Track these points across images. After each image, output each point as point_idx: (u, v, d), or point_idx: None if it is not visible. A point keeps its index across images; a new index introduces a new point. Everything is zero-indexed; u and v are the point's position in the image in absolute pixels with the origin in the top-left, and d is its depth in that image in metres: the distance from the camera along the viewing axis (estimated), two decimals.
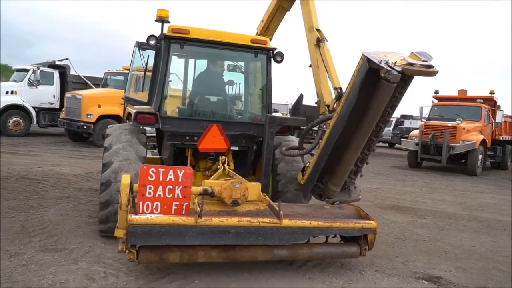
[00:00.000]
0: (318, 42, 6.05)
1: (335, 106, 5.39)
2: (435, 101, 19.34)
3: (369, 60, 4.32)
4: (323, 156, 5.06)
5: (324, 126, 5.36)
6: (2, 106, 16.80)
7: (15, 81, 18.03)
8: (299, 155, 5.72)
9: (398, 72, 4.14)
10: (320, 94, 5.90)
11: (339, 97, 5.38)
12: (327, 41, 6.09)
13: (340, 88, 5.54)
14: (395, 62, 4.26)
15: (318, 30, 6.21)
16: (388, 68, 4.13)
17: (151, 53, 6.37)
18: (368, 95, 4.52)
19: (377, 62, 4.21)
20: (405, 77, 4.43)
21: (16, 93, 17.34)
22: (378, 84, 4.33)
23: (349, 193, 5.61)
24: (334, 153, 5.04)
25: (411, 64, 4.24)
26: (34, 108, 17.71)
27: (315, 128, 5.75)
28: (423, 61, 4.26)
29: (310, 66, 6.28)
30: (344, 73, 5.33)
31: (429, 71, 4.26)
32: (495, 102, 18.56)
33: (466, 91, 19.06)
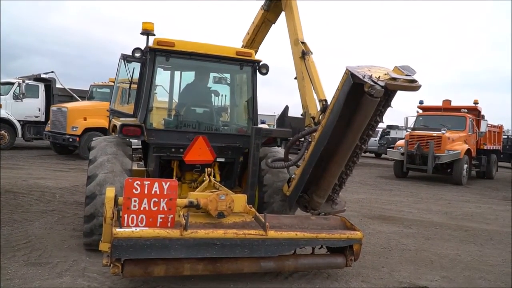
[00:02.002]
0: (303, 54, 6.10)
1: (320, 118, 5.43)
2: (420, 111, 19.56)
3: (353, 75, 4.38)
4: (308, 168, 5.09)
5: (310, 138, 5.39)
6: None
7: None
8: (284, 167, 5.74)
9: (382, 87, 4.20)
10: (306, 106, 5.95)
11: (324, 109, 5.42)
12: (312, 54, 6.15)
13: (325, 100, 5.59)
14: (379, 77, 4.31)
15: (303, 43, 6.27)
16: (372, 83, 4.18)
17: (137, 66, 6.38)
18: (352, 109, 4.57)
19: (361, 77, 4.27)
20: (388, 91, 4.49)
21: (1, 106, 17.17)
22: (362, 98, 4.38)
23: (333, 204, 5.64)
24: (319, 165, 5.08)
25: (394, 79, 4.29)
26: (19, 121, 17.55)
27: (301, 139, 5.78)
28: (406, 75, 4.32)
29: (296, 78, 6.33)
30: (330, 85, 5.39)
31: (411, 85, 4.33)
32: (479, 112, 18.81)
33: (450, 101, 19.34)
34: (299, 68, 6.17)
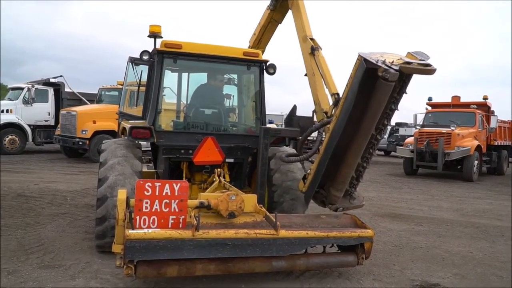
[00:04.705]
0: (313, 50, 6.04)
1: (333, 112, 5.35)
2: (429, 108, 19.44)
3: (366, 60, 4.28)
4: (324, 161, 4.97)
5: (323, 132, 5.33)
6: None
7: (10, 99, 18.06)
8: (299, 160, 5.66)
9: (396, 70, 4.13)
10: (317, 101, 5.86)
11: (336, 102, 5.30)
12: (321, 49, 6.10)
13: (338, 94, 5.47)
14: (392, 62, 4.24)
15: (312, 39, 6.22)
16: (386, 67, 4.11)
17: (144, 68, 6.42)
18: (367, 97, 4.47)
19: (374, 62, 4.19)
20: (403, 77, 4.40)
21: (11, 111, 17.36)
22: (376, 84, 4.29)
23: (351, 199, 5.50)
24: (335, 157, 4.95)
25: (408, 63, 4.23)
26: (29, 125, 17.74)
27: (311, 137, 5.73)
28: (420, 60, 4.26)
29: (306, 75, 6.28)
30: (341, 80, 5.30)
31: (427, 69, 4.24)
32: (489, 107, 18.67)
33: (459, 97, 19.20)
34: (309, 64, 6.10)
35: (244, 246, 4.24)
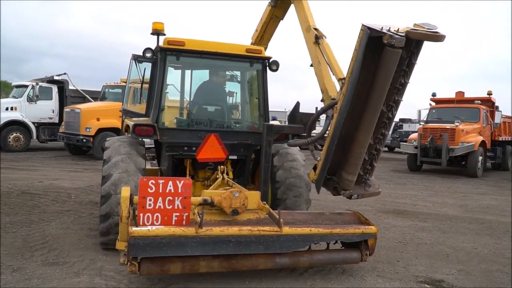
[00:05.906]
0: (317, 39, 5.93)
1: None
2: (433, 103, 19.38)
3: (370, 29, 4.15)
4: (333, 142, 4.77)
5: (332, 112, 5.18)
6: (2, 122, 16.91)
7: (14, 97, 18.14)
8: (307, 143, 5.44)
9: (402, 36, 4.01)
10: (324, 89, 5.70)
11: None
12: (325, 37, 6.03)
13: (344, 79, 5.38)
14: (398, 29, 4.13)
15: (315, 29, 6.16)
16: (391, 33, 4.00)
17: (148, 66, 6.42)
18: (374, 71, 4.36)
19: (379, 29, 4.08)
20: (410, 46, 4.29)
21: (16, 109, 17.44)
22: (382, 53, 4.18)
23: (366, 186, 5.27)
24: (345, 141, 4.81)
25: (415, 29, 4.13)
26: (33, 123, 17.81)
27: (314, 133, 5.66)
28: (428, 29, 4.16)
29: (311, 65, 6.19)
30: (347, 68, 5.16)
31: (435, 35, 4.13)
32: (493, 103, 18.58)
33: (463, 93, 19.12)
34: (314, 54, 5.99)
35: (247, 243, 4.25)
